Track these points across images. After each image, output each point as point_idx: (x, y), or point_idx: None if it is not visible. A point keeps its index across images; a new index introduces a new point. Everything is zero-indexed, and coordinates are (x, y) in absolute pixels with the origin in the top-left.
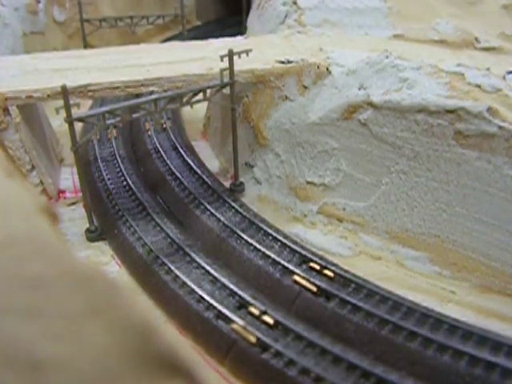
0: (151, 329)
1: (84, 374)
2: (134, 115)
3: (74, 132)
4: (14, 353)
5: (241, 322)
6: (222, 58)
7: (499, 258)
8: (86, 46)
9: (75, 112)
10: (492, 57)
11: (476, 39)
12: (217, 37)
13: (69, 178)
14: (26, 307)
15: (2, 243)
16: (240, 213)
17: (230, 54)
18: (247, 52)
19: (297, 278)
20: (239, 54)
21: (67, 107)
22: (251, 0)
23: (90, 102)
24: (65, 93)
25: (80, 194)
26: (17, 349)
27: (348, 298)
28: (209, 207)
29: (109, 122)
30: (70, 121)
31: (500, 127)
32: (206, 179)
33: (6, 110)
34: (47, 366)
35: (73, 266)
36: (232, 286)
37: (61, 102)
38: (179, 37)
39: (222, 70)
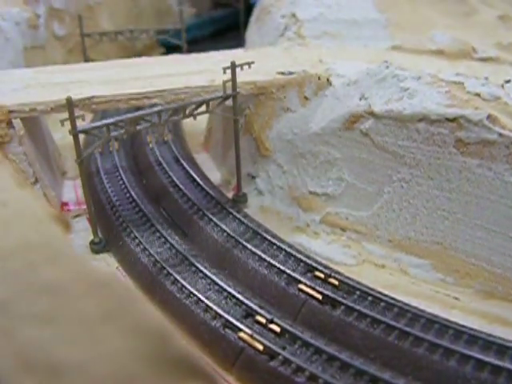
0: (168, 332)
1: (101, 376)
2: (138, 127)
3: (78, 144)
4: (32, 356)
5: (248, 331)
6: (224, 70)
7: (502, 264)
8: (87, 59)
9: (80, 124)
10: (489, 66)
11: (473, 49)
12: (216, 49)
13: (71, 190)
14: (43, 312)
15: (16, 250)
16: (244, 223)
17: (233, 66)
18: (249, 64)
19: (302, 286)
20: (241, 66)
21: (72, 119)
22: (250, 13)
23: (90, 116)
24: (70, 105)
25: (83, 207)
26: (34, 352)
27: (353, 306)
28: (213, 218)
29: (113, 134)
30: (75, 133)
31: (500, 134)
32: (209, 190)
33: (10, 123)
34: (64, 369)
35: (86, 271)
36: (238, 296)
37: (64, 115)
38: (179, 50)
39: (224, 82)
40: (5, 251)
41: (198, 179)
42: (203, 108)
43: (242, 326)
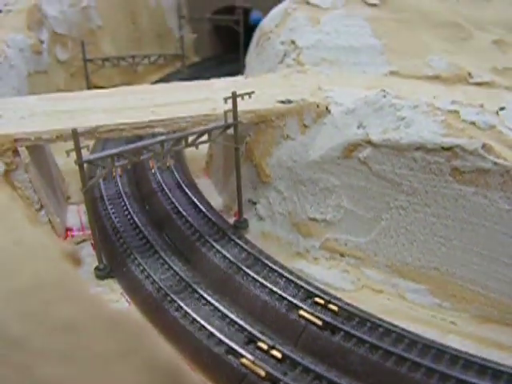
0: (180, 367)
1: None
2: (142, 157)
3: (84, 174)
4: None
5: (250, 357)
6: (225, 100)
7: (497, 289)
8: (89, 84)
9: (84, 154)
10: (485, 91)
11: (469, 74)
12: (215, 73)
13: (75, 215)
14: (59, 349)
15: (30, 288)
16: (245, 249)
17: (234, 97)
18: (249, 94)
19: (302, 312)
20: (242, 96)
21: (78, 150)
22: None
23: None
24: (75, 136)
25: (87, 232)
26: None
27: (353, 332)
28: (215, 244)
29: (117, 163)
30: (81, 163)
31: (495, 163)
32: (211, 216)
33: (16, 151)
34: None
35: (101, 309)
36: (240, 322)
37: (68, 144)
38: (178, 73)
39: (226, 112)
40: (20, 290)
41: (200, 205)
42: (205, 137)
43: (244, 353)
